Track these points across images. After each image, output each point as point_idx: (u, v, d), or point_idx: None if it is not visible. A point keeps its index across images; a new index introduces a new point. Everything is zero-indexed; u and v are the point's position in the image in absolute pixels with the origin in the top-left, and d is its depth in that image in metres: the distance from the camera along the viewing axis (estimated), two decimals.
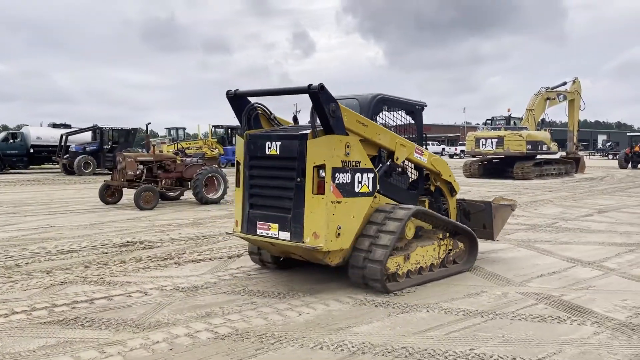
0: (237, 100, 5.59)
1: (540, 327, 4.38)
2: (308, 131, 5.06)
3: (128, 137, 27.83)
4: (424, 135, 6.67)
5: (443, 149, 62.57)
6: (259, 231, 5.33)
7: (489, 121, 35.32)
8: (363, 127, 5.36)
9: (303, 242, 4.97)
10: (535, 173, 22.65)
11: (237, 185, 5.63)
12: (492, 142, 22.92)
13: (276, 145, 5.18)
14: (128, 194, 13.30)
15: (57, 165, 27.47)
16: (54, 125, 31.54)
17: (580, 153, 29.92)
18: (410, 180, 6.37)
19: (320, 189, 4.92)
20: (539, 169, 23.26)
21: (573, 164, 26.03)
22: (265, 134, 5.42)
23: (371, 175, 5.37)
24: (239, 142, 5.57)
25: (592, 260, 6.85)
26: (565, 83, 26.42)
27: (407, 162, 6.18)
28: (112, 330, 4.26)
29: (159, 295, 5.22)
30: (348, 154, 5.07)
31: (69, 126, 31.24)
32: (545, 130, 25.52)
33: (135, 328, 4.29)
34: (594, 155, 64.42)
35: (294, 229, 5.03)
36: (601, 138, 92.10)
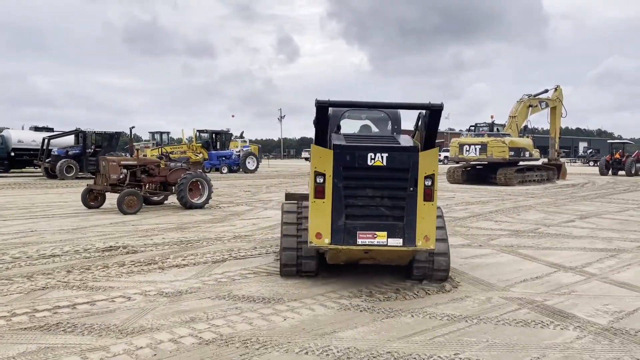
0: (328, 109, 5.53)
1: (524, 331, 4.42)
2: (412, 143, 5.52)
3: (111, 141, 27.56)
4: None
5: None
6: (360, 240, 5.31)
7: (473, 128, 35.73)
8: None
9: (416, 246, 5.26)
10: (517, 179, 22.92)
11: (319, 196, 5.33)
12: (475, 149, 23.13)
13: (382, 156, 5.29)
14: (111, 199, 13.18)
15: (39, 169, 27.11)
16: (36, 129, 31.03)
17: (562, 160, 30.37)
18: None
19: (427, 197, 5.28)
20: (522, 175, 23.54)
21: (555, 171, 26.38)
22: (363, 144, 5.41)
23: None
24: (323, 153, 5.34)
25: (574, 266, 6.93)
26: (547, 90, 26.77)
27: None
28: (95, 335, 4.21)
29: (143, 300, 5.17)
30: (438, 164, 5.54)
31: (51, 129, 30.73)
32: (527, 137, 25.83)
33: (119, 333, 4.25)
34: (575, 162, 65.33)
35: (407, 234, 5.27)
36: (582, 145, 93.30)
